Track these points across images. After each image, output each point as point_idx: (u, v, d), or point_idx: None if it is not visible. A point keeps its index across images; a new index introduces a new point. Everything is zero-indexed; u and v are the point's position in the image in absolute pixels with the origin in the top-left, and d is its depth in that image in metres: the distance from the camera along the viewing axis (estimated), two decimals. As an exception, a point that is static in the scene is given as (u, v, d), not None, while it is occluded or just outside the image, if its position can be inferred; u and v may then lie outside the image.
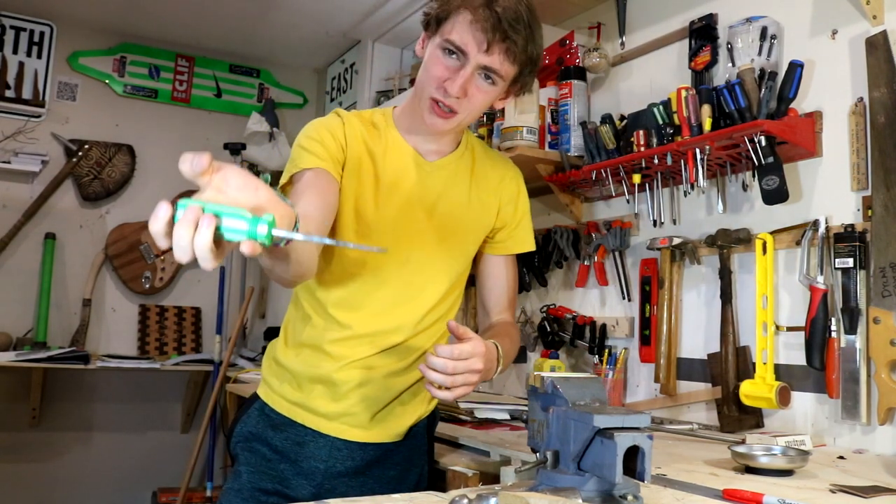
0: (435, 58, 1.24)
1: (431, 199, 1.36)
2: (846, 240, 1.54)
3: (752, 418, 1.71)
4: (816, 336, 1.56)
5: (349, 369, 1.34)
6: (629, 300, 2.11)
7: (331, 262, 1.34)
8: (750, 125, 1.61)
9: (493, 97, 1.28)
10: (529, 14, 1.23)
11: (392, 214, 1.32)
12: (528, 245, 1.51)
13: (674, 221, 1.99)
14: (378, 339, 1.34)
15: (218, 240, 0.71)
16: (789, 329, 1.65)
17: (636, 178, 1.92)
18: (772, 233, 1.69)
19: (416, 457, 1.44)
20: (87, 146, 3.68)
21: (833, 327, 1.55)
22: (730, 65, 1.83)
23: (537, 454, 0.95)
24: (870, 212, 1.51)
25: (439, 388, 1.14)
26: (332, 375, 1.34)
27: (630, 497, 0.88)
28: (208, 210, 0.70)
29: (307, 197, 1.17)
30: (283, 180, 1.29)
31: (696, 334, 1.91)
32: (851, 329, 1.52)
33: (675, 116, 1.77)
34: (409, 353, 1.37)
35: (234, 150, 3.70)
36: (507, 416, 1.95)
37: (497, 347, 1.25)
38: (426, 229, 1.36)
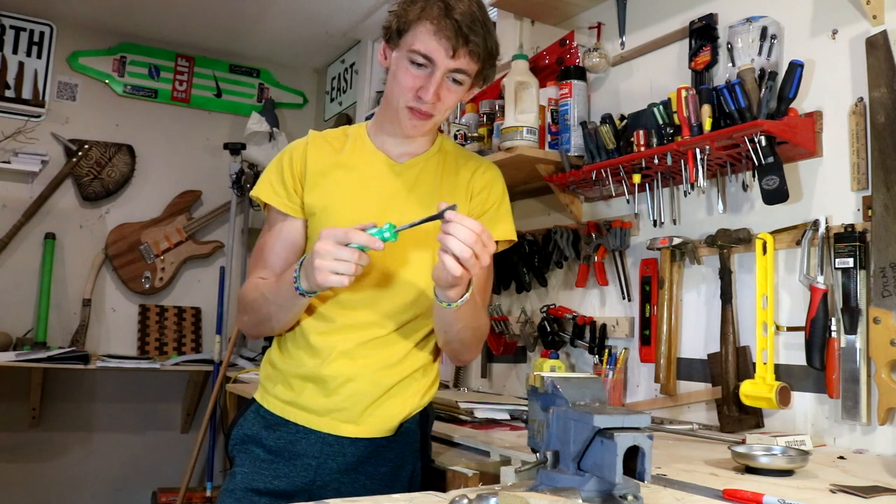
0: (404, 69, 1.33)
1: (403, 196, 1.42)
2: (846, 240, 1.53)
3: (752, 418, 1.71)
4: (816, 336, 1.56)
5: (336, 362, 1.37)
6: (629, 300, 2.11)
7: None
8: (750, 125, 1.61)
9: (462, 95, 1.39)
10: (481, 12, 1.33)
11: (368, 215, 1.37)
12: (507, 233, 1.48)
13: (674, 221, 1.99)
14: (361, 331, 1.38)
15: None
16: (789, 329, 1.65)
17: (636, 178, 1.92)
18: (772, 233, 1.69)
19: (408, 454, 1.45)
20: (86, 146, 3.68)
21: (833, 327, 1.55)
22: (730, 65, 1.83)
23: (537, 454, 0.95)
24: (870, 212, 1.51)
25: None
26: (321, 370, 1.37)
27: (630, 497, 0.88)
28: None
29: (277, 249, 1.43)
30: (255, 192, 1.46)
31: (696, 334, 1.91)
32: (851, 329, 1.52)
33: (675, 116, 1.77)
34: (396, 348, 1.40)
35: (234, 150, 3.70)
36: (507, 416, 1.95)
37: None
38: (401, 221, 1.39)
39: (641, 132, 1.88)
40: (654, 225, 1.95)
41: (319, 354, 1.38)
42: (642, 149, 1.87)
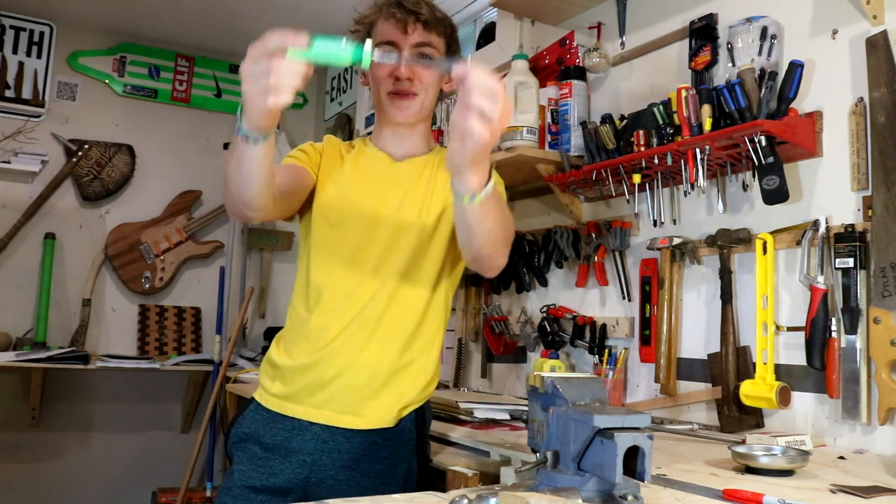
0: (377, 66, 1.44)
1: (402, 188, 1.48)
2: (846, 240, 1.53)
3: (752, 418, 1.71)
4: (817, 336, 1.56)
5: (331, 350, 1.40)
6: (629, 300, 2.11)
7: (319, 252, 1.46)
8: (750, 125, 1.61)
9: (438, 72, 1.47)
10: None
11: (367, 203, 1.46)
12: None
13: (674, 221, 1.99)
14: (354, 318, 1.41)
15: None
16: (789, 329, 1.65)
17: (636, 178, 1.92)
18: (772, 233, 1.69)
19: (403, 451, 1.45)
20: (86, 146, 3.68)
21: (833, 327, 1.55)
22: (730, 65, 1.82)
23: (537, 454, 0.95)
24: (870, 212, 1.51)
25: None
26: (317, 358, 1.40)
27: (630, 497, 0.88)
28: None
29: (282, 170, 1.41)
30: None
31: (696, 334, 1.91)
32: (852, 329, 1.52)
33: (675, 116, 1.77)
34: (390, 337, 1.42)
35: (234, 150, 3.69)
36: (507, 416, 1.95)
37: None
38: (397, 213, 1.45)
39: (641, 132, 1.88)
40: (654, 225, 1.95)
41: (313, 343, 1.41)
42: (642, 149, 1.87)
